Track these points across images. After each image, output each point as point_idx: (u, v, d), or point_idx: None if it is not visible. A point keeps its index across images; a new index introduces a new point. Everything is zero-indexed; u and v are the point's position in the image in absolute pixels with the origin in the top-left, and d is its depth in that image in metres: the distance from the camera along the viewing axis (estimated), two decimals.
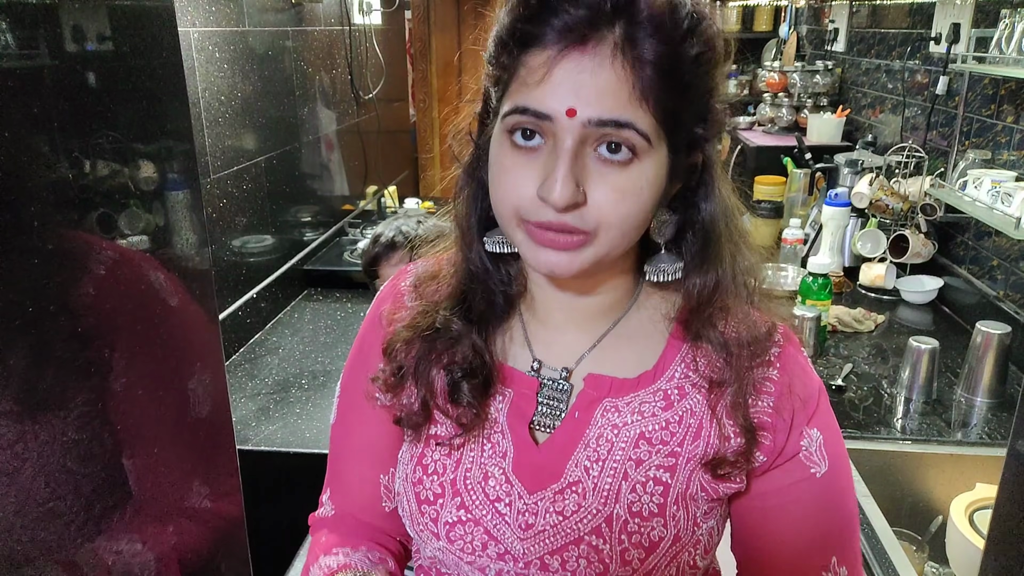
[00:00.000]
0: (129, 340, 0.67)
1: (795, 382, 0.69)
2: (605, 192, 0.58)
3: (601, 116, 0.56)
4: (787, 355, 0.70)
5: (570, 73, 0.56)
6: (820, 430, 0.70)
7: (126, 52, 0.65)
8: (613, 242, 0.61)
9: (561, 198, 0.57)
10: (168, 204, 0.73)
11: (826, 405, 0.72)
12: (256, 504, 0.96)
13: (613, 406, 0.69)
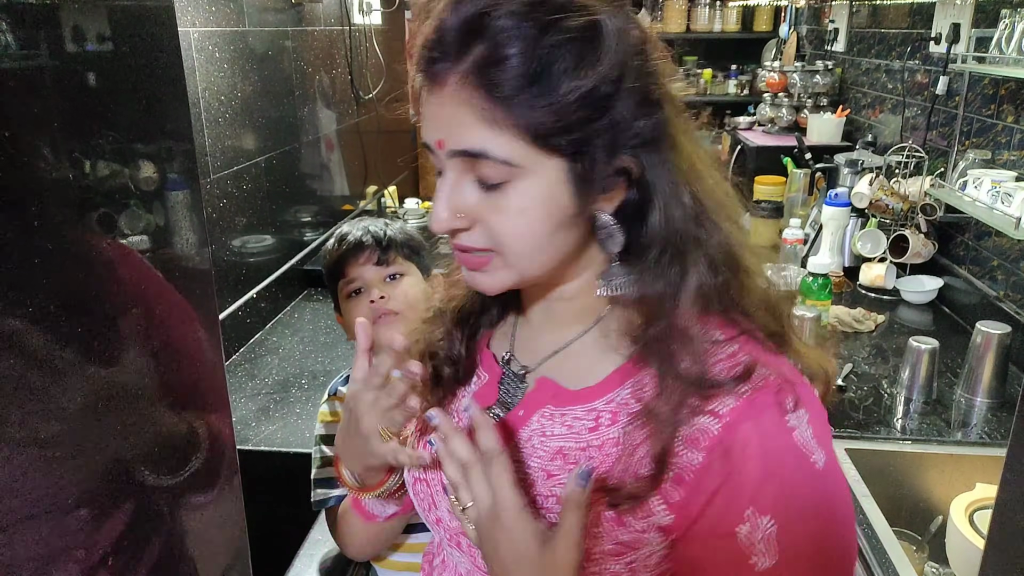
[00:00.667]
0: (129, 339, 0.67)
1: (738, 447, 0.58)
2: (487, 215, 0.59)
3: (455, 147, 0.58)
4: (746, 409, 0.58)
5: (433, 110, 0.59)
6: (774, 518, 0.58)
7: (126, 52, 0.65)
8: (521, 260, 0.61)
9: (435, 225, 0.60)
10: (168, 204, 0.73)
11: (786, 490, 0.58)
12: (256, 504, 0.96)
13: (551, 414, 0.68)
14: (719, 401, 0.59)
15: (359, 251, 1.23)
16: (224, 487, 0.85)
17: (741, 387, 0.59)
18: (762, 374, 0.60)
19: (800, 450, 0.59)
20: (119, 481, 0.67)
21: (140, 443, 0.69)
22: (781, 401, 0.59)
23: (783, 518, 0.58)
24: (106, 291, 0.64)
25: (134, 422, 0.68)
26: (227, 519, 0.86)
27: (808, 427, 0.59)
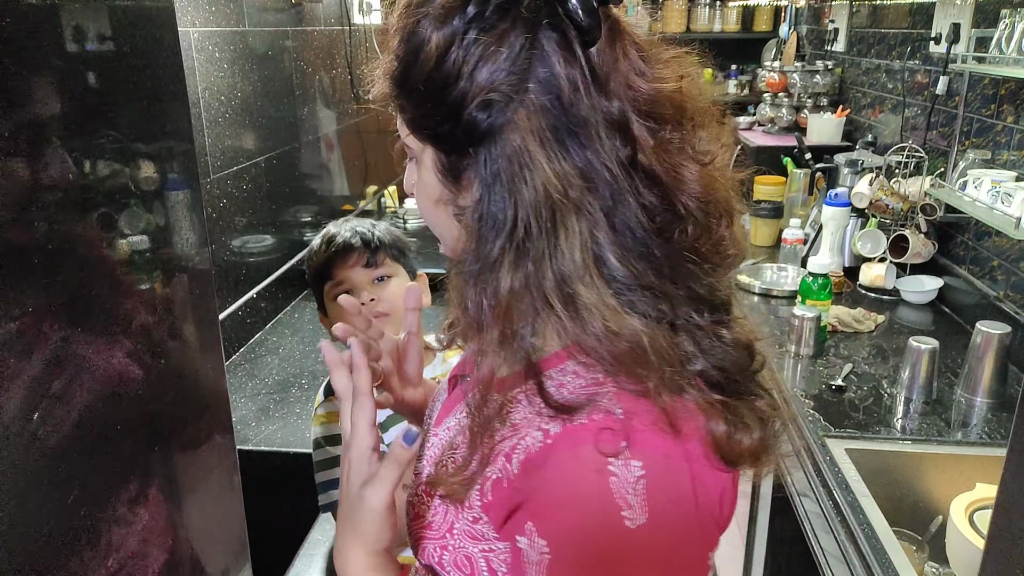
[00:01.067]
0: (129, 339, 0.67)
1: (546, 469, 0.55)
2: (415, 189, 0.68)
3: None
4: (566, 437, 0.55)
5: None
6: (551, 548, 0.55)
7: (126, 52, 0.65)
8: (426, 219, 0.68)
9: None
10: (168, 204, 0.73)
11: (576, 526, 0.54)
12: (256, 504, 0.96)
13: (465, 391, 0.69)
14: (553, 422, 0.56)
15: (348, 253, 1.22)
16: (224, 487, 0.85)
17: (576, 415, 0.56)
18: (601, 408, 0.56)
19: (608, 497, 0.53)
20: (119, 481, 0.67)
21: (140, 442, 0.69)
22: (606, 440, 0.54)
23: (559, 553, 0.55)
24: (105, 291, 0.64)
25: (132, 423, 0.68)
26: (227, 519, 0.86)
27: (640, 482, 0.54)
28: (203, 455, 0.81)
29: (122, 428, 0.66)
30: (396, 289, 1.25)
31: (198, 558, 0.80)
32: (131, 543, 0.68)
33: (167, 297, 0.73)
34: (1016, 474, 0.78)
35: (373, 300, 1.21)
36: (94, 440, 0.63)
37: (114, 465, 0.66)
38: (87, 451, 0.62)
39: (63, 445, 0.59)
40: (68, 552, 0.60)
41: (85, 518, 0.62)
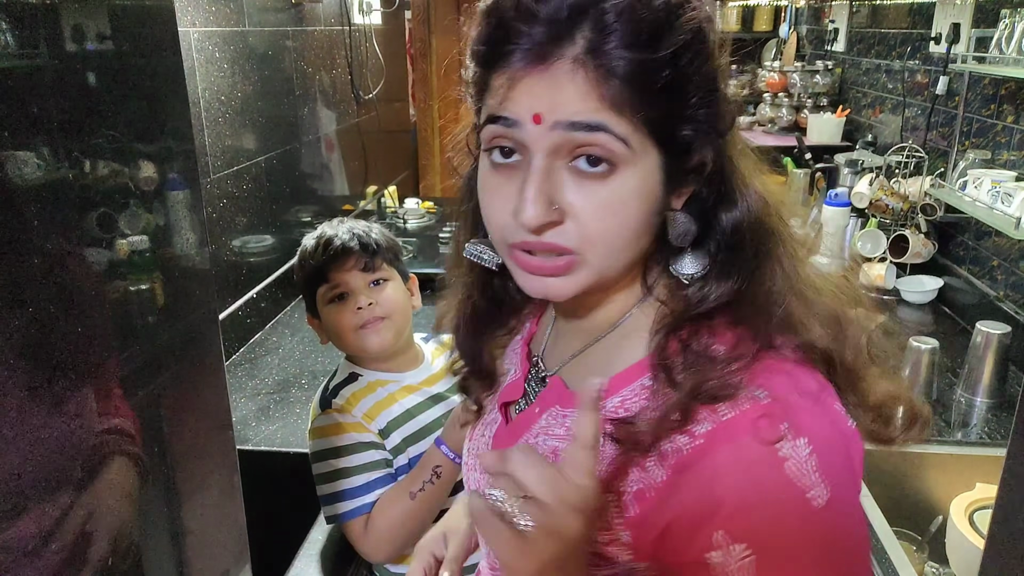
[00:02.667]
0: (129, 340, 0.67)
1: (708, 473, 0.53)
2: (584, 207, 0.55)
3: (570, 118, 0.53)
4: (724, 431, 0.54)
5: (533, 87, 0.54)
6: (752, 549, 0.52)
7: (126, 52, 0.65)
8: (604, 261, 0.57)
9: (531, 219, 0.54)
10: (168, 204, 0.73)
11: (769, 521, 0.52)
12: (256, 504, 0.96)
13: (556, 414, 0.67)
14: (699, 421, 0.55)
15: (345, 257, 1.21)
16: (224, 487, 0.85)
17: (723, 409, 0.54)
18: (751, 397, 0.54)
19: (791, 483, 0.52)
20: (117, 481, 0.67)
21: (137, 442, 0.69)
22: (765, 427, 0.53)
23: (764, 551, 0.52)
24: (105, 290, 0.64)
25: (133, 421, 0.68)
26: (227, 519, 0.86)
27: (811, 458, 0.53)
28: (203, 455, 0.81)
29: (120, 427, 0.66)
30: (392, 293, 1.24)
31: (198, 558, 0.80)
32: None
33: (167, 297, 0.73)
34: (1016, 474, 0.78)
35: (371, 305, 1.21)
36: (91, 440, 0.63)
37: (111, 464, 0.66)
38: (82, 451, 0.62)
39: (58, 443, 0.59)
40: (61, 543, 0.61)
41: (79, 513, 0.62)
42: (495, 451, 0.54)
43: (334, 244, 1.21)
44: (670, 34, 0.53)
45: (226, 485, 0.85)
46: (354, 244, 1.22)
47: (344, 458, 1.18)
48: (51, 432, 0.57)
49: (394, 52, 3.47)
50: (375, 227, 1.29)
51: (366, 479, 1.17)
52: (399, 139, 3.81)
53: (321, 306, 1.25)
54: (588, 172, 0.55)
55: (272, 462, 1.51)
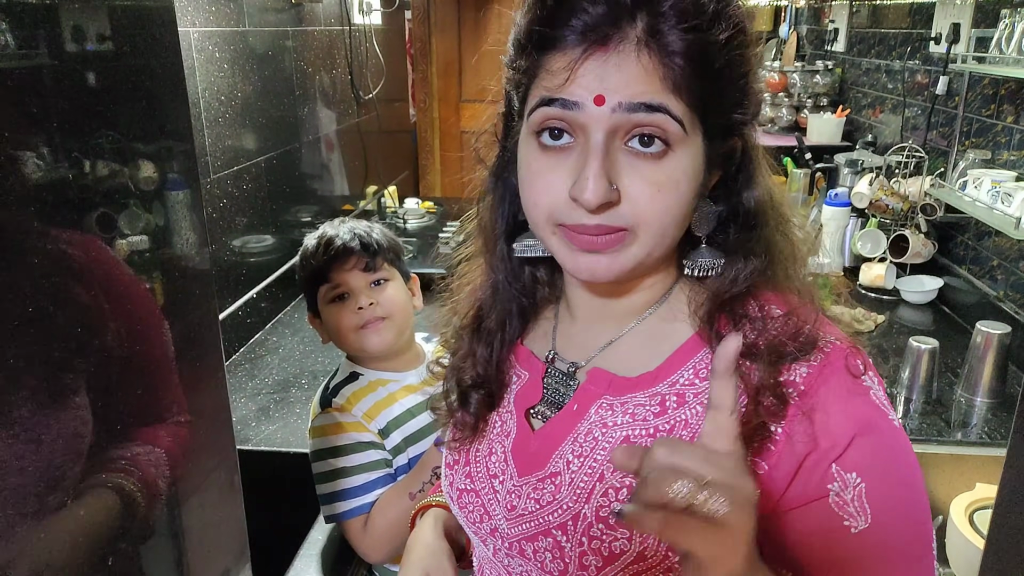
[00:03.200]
0: (128, 339, 0.67)
1: (819, 410, 0.58)
2: (640, 187, 0.56)
3: (632, 100, 0.54)
4: (820, 375, 0.59)
5: (595, 69, 0.54)
6: (861, 475, 0.57)
7: (126, 52, 0.65)
8: (654, 240, 0.58)
9: (594, 196, 0.55)
10: (168, 204, 0.73)
11: (871, 446, 0.58)
12: (256, 504, 0.96)
13: (610, 404, 0.66)
14: (791, 371, 0.59)
15: (347, 257, 1.21)
16: (224, 487, 0.85)
17: (810, 355, 0.59)
18: (827, 340, 0.60)
19: (880, 408, 0.59)
20: (117, 480, 0.67)
21: (137, 441, 0.69)
22: (851, 364, 0.59)
23: (871, 475, 0.57)
24: (105, 290, 0.64)
25: (133, 421, 0.68)
26: (227, 519, 0.86)
27: (880, 387, 0.61)
28: (203, 455, 0.81)
29: (120, 427, 0.66)
30: (393, 293, 1.24)
31: (198, 558, 0.80)
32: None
33: (167, 297, 0.73)
34: (1016, 474, 0.78)
35: (372, 305, 1.21)
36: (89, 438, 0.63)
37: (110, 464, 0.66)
38: (81, 451, 0.62)
39: (57, 443, 0.59)
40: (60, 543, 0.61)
41: (79, 514, 0.62)
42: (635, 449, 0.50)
43: (335, 244, 1.21)
44: (723, 21, 0.55)
45: (226, 485, 0.85)
46: (355, 244, 1.22)
47: (343, 457, 1.18)
48: (51, 432, 0.57)
49: (394, 52, 3.47)
50: (376, 227, 1.29)
51: (365, 479, 1.17)
52: (399, 139, 3.81)
53: (322, 306, 1.25)
54: (643, 152, 0.56)
55: (272, 462, 1.51)
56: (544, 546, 0.66)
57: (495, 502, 0.71)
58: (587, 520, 0.63)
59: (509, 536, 0.69)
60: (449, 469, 0.78)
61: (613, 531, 0.62)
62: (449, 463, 0.78)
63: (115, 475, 0.62)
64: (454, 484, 0.76)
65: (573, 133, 0.57)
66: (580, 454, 0.66)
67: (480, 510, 0.73)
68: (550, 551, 0.66)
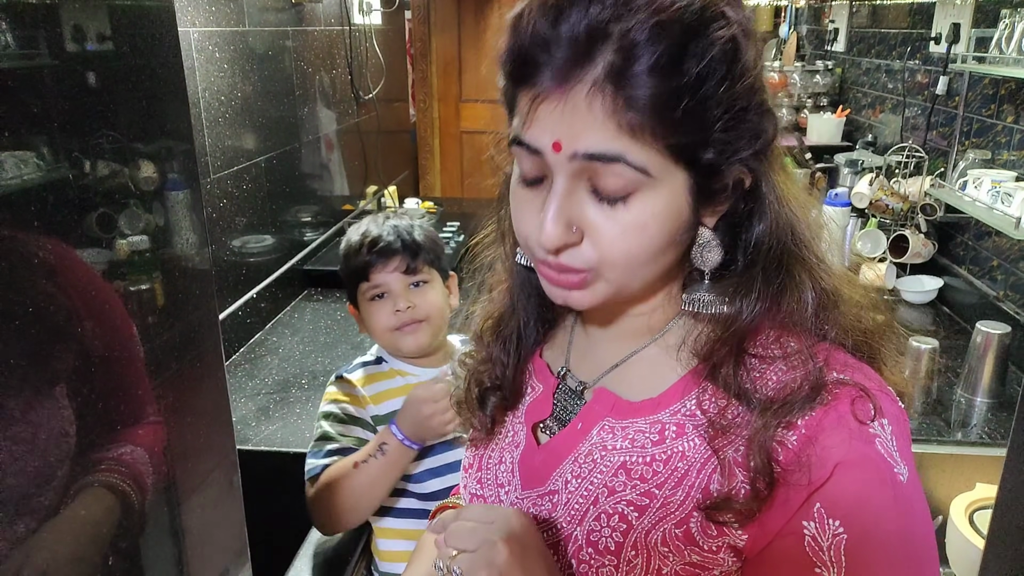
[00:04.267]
0: (103, 342, 0.67)
1: (815, 460, 0.55)
2: (604, 230, 0.55)
3: (587, 150, 0.52)
4: (819, 420, 0.56)
5: (553, 111, 0.53)
6: (844, 525, 0.54)
7: (126, 52, 0.65)
8: (621, 279, 0.58)
9: (548, 240, 0.55)
10: (168, 204, 0.73)
11: (860, 487, 0.54)
12: (256, 504, 0.96)
13: (611, 427, 0.65)
14: (794, 413, 0.56)
15: (388, 258, 1.22)
16: (224, 487, 0.85)
17: (817, 398, 0.56)
18: (837, 382, 0.57)
19: (884, 459, 0.55)
20: (117, 480, 0.67)
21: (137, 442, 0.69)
22: (860, 410, 0.56)
23: (856, 529, 0.54)
24: (79, 293, 0.64)
25: (133, 421, 0.68)
26: (227, 519, 0.86)
27: (892, 438, 0.56)
28: (203, 455, 0.81)
29: (121, 428, 0.66)
30: (431, 296, 1.26)
31: (198, 558, 0.80)
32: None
33: (167, 297, 0.73)
34: (1016, 474, 0.78)
35: (409, 308, 1.22)
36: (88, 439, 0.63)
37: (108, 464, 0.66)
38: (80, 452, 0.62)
39: (55, 444, 0.59)
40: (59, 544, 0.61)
41: (78, 514, 0.62)
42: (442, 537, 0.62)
43: (378, 244, 1.23)
44: (697, 56, 0.51)
45: (226, 485, 0.85)
46: (397, 245, 1.23)
47: (327, 421, 1.23)
48: (50, 432, 0.57)
49: (394, 52, 3.47)
50: (418, 224, 1.29)
51: (331, 447, 1.20)
52: (399, 139, 3.81)
53: (362, 301, 1.26)
54: (607, 195, 0.54)
55: (272, 462, 1.51)
56: None
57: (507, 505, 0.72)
58: (577, 543, 0.63)
59: None
60: (465, 472, 0.79)
61: (601, 557, 0.62)
62: (465, 466, 0.79)
63: (106, 474, 0.61)
64: (467, 487, 0.77)
65: (545, 171, 0.57)
66: (578, 475, 0.65)
67: None
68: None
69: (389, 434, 1.15)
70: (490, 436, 0.76)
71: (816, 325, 0.60)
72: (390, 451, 1.14)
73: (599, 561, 0.62)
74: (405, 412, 1.14)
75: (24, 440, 0.53)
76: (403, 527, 1.25)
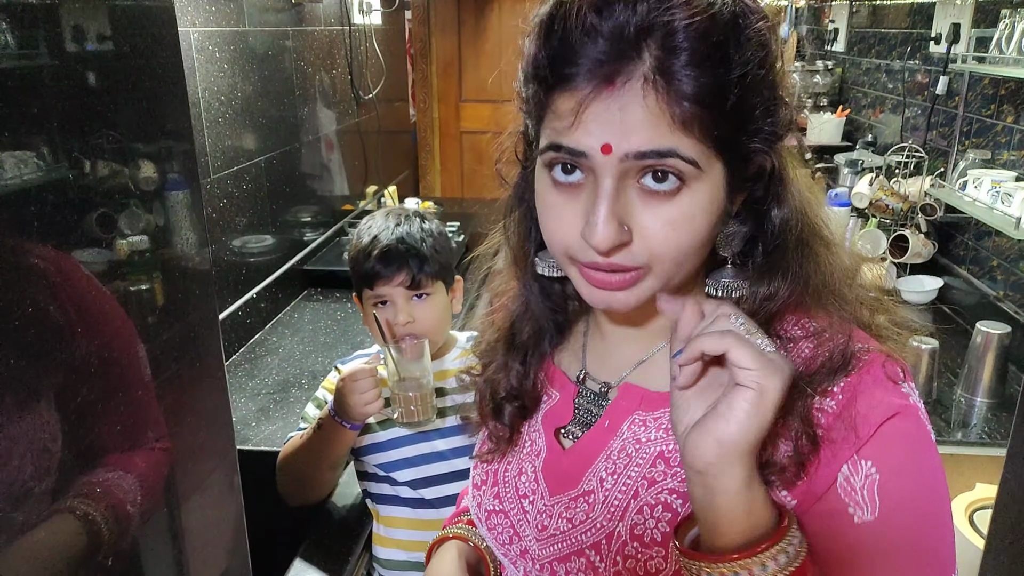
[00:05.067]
0: (101, 360, 0.67)
1: (859, 421, 0.56)
2: (654, 226, 0.55)
3: (640, 148, 0.52)
4: (859, 383, 0.57)
5: (601, 113, 0.52)
6: (877, 465, 0.55)
7: (126, 52, 0.65)
8: (670, 273, 0.57)
9: (603, 241, 0.54)
10: (168, 204, 0.73)
11: (895, 436, 0.56)
12: (256, 504, 0.96)
13: (642, 420, 0.65)
14: (831, 380, 0.58)
15: (394, 273, 1.21)
16: (224, 487, 0.85)
17: (849, 365, 0.58)
18: (864, 350, 0.59)
19: (918, 414, 0.58)
20: (117, 480, 0.67)
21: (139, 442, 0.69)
22: (890, 371, 0.58)
23: (887, 467, 0.55)
24: (77, 307, 0.64)
25: (134, 420, 0.68)
26: (227, 519, 0.86)
27: (919, 400, 0.59)
28: (203, 455, 0.81)
29: (121, 428, 0.66)
30: (432, 309, 1.26)
31: (198, 558, 0.80)
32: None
33: (167, 297, 0.73)
34: (1016, 474, 0.78)
35: (409, 323, 1.22)
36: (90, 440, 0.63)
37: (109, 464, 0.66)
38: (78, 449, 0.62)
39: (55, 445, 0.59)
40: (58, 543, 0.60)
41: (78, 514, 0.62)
42: (710, 336, 0.54)
43: (386, 256, 1.22)
44: (738, 50, 0.52)
45: (226, 485, 0.85)
46: (404, 260, 1.22)
47: (311, 404, 1.31)
48: (50, 431, 0.57)
49: (394, 52, 3.47)
50: (430, 232, 1.27)
51: (303, 426, 1.28)
52: (399, 139, 3.81)
53: (366, 305, 1.27)
54: (656, 191, 0.54)
55: (272, 462, 1.50)
56: (577, 567, 0.65)
57: (525, 523, 0.70)
58: (622, 538, 0.63)
59: (540, 557, 0.69)
60: (477, 490, 0.77)
61: (648, 549, 0.61)
62: (477, 483, 0.77)
63: (82, 500, 0.59)
64: (482, 505, 0.75)
65: (584, 171, 0.56)
66: (613, 471, 0.65)
67: (510, 531, 0.72)
68: (583, 572, 0.65)
69: (327, 412, 1.20)
70: (507, 447, 0.74)
71: (838, 302, 0.62)
72: (325, 426, 1.19)
73: (646, 554, 0.61)
74: (336, 392, 1.18)
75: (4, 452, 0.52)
76: (395, 514, 1.28)
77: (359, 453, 1.28)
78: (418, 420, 1.16)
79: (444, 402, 1.26)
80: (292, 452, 1.26)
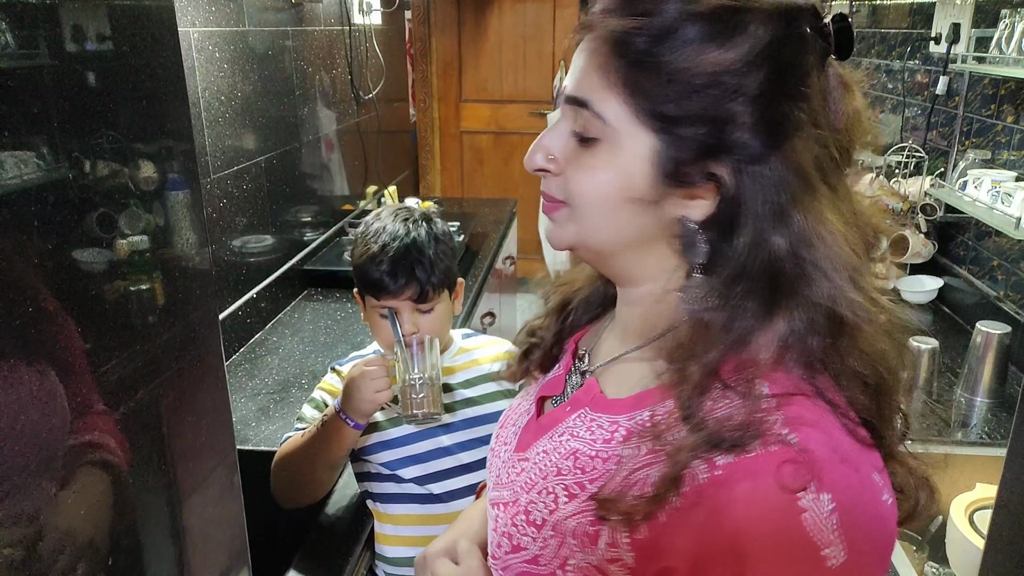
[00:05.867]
0: (128, 340, 0.67)
1: (721, 506, 0.51)
2: (569, 167, 0.62)
3: (568, 92, 0.61)
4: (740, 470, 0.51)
5: (575, 59, 0.61)
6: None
7: (126, 52, 0.65)
8: (586, 221, 0.62)
9: (526, 161, 0.64)
10: (168, 204, 0.73)
11: (775, 572, 0.50)
12: (256, 504, 0.96)
13: (584, 415, 0.67)
14: (717, 451, 0.52)
15: (402, 288, 1.20)
16: (224, 487, 0.85)
17: (745, 446, 0.51)
18: (781, 439, 0.51)
19: (807, 536, 0.49)
20: (117, 480, 0.67)
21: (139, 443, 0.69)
22: (788, 474, 0.50)
23: None
24: (105, 291, 0.64)
25: (134, 420, 0.68)
26: (227, 519, 0.86)
27: (832, 516, 0.50)
28: (203, 455, 0.81)
29: (121, 427, 0.66)
30: (435, 320, 1.25)
31: (198, 558, 0.80)
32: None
33: (167, 297, 0.73)
34: (1016, 474, 0.78)
35: (413, 334, 1.22)
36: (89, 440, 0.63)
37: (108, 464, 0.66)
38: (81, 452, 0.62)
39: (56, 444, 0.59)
40: None
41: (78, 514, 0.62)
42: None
43: (394, 270, 1.19)
44: (683, 25, 0.54)
45: (226, 485, 0.85)
46: (413, 276, 1.20)
47: (307, 405, 1.30)
48: (49, 431, 0.57)
49: (394, 52, 3.47)
50: (438, 235, 1.25)
51: (299, 426, 1.27)
52: (399, 139, 3.81)
53: (369, 311, 1.25)
54: (581, 136, 0.61)
55: (272, 462, 1.50)
56: (496, 514, 0.73)
57: (497, 464, 0.79)
58: (519, 508, 0.68)
59: (495, 499, 0.76)
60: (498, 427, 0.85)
61: (527, 527, 0.66)
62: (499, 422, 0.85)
63: (90, 452, 0.61)
64: (492, 447, 0.83)
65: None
66: (547, 450, 0.69)
67: (492, 469, 0.81)
68: (495, 521, 0.73)
69: (331, 409, 1.19)
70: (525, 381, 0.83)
71: (816, 354, 0.55)
72: (329, 425, 1.18)
73: (524, 531, 0.66)
74: (344, 387, 1.17)
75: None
76: (403, 512, 1.28)
77: (362, 453, 1.27)
78: (428, 414, 1.15)
79: (448, 398, 1.26)
80: (290, 452, 1.25)
